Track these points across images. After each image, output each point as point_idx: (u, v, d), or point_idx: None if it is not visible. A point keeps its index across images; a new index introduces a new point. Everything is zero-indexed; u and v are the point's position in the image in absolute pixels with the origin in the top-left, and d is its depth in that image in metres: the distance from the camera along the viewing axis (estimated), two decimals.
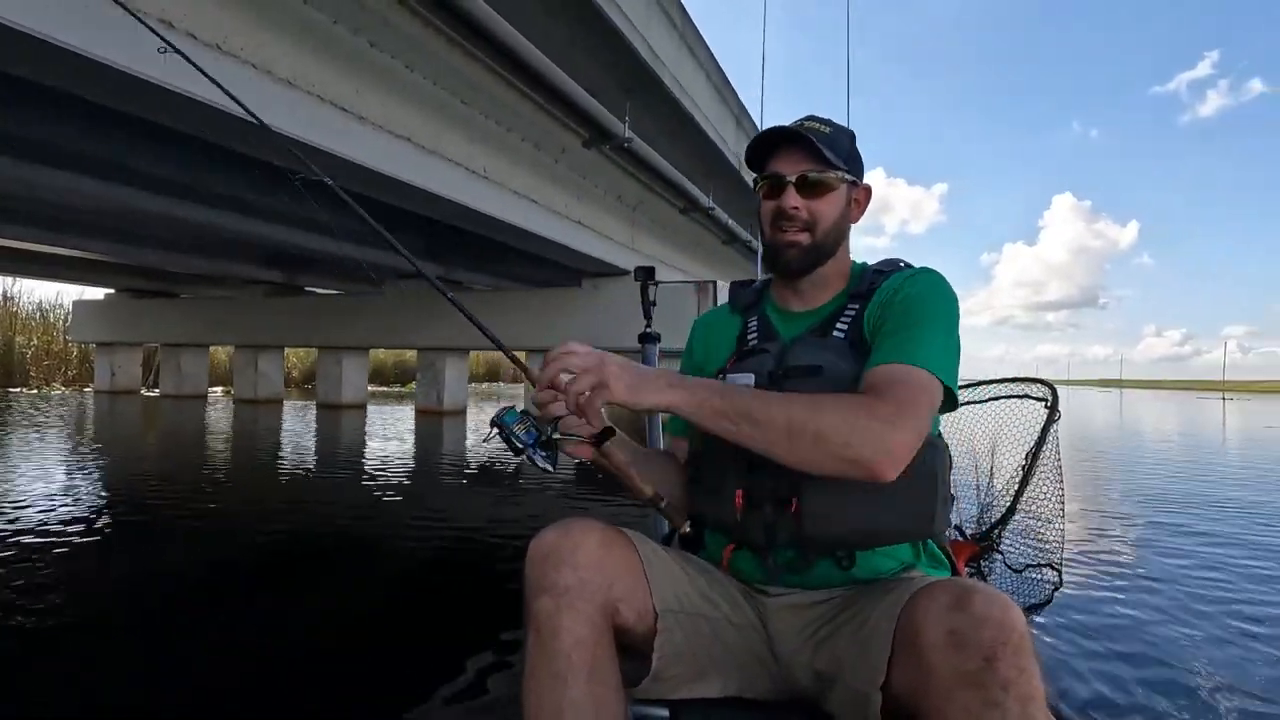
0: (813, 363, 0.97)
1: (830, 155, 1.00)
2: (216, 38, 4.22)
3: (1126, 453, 9.87)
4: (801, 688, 0.93)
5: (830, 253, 1.05)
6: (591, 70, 6.64)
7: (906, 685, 0.75)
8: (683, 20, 7.64)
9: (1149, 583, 3.21)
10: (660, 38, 7.07)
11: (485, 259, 10.27)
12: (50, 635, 2.41)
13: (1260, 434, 14.01)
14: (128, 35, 3.59)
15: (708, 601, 0.96)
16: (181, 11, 3.98)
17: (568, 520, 0.90)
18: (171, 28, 3.94)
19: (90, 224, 9.33)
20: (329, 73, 5.05)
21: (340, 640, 2.48)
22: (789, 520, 0.93)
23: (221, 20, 4.23)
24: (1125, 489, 6.18)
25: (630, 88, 7.20)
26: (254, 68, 4.47)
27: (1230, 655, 2.36)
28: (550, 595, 0.83)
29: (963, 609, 0.69)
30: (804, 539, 0.94)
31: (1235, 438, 13.17)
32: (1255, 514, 5.03)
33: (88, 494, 4.94)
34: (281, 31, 4.65)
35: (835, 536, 0.94)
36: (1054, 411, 1.45)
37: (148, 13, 3.81)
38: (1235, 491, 6.11)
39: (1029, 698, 0.65)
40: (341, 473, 6.46)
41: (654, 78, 6.99)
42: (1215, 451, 10.34)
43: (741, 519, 0.96)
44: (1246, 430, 15.14)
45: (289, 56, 4.72)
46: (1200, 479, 6.98)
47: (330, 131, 5.08)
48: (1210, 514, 5.00)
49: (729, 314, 1.17)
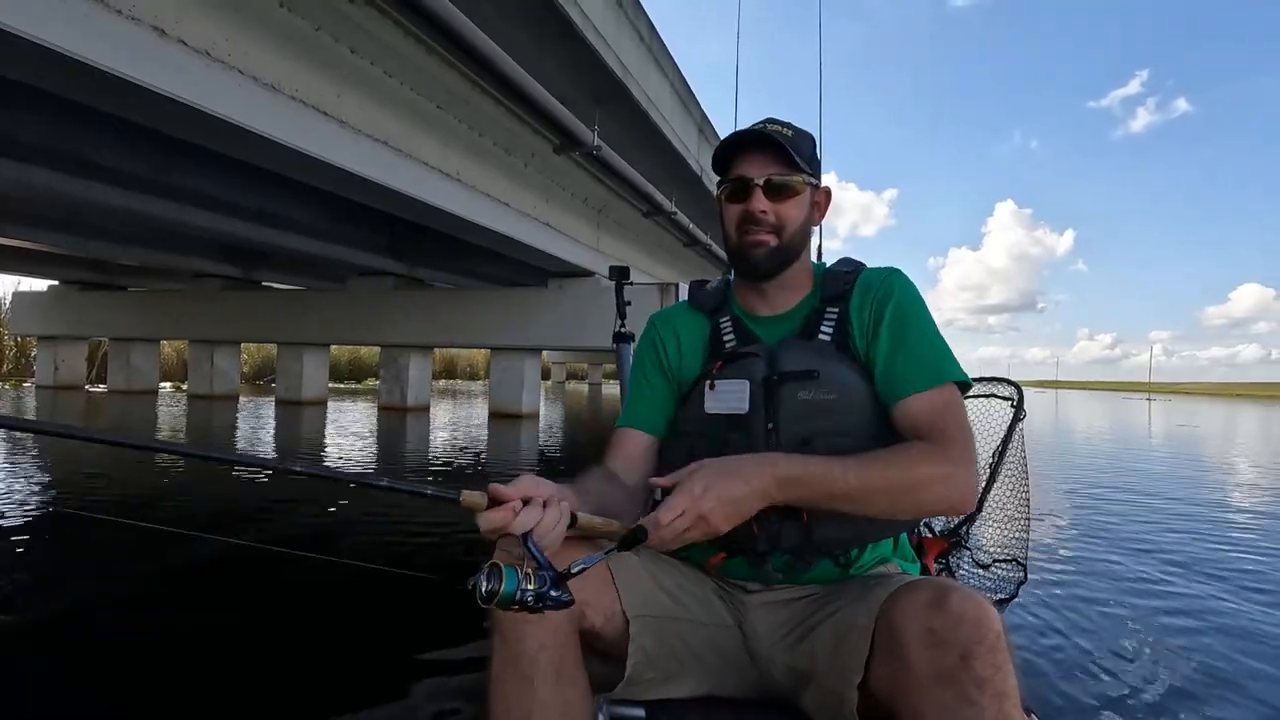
0: (807, 368, 0.96)
1: (796, 158, 1.00)
2: (205, 44, 4.35)
3: (1066, 449, 10.64)
4: (777, 686, 0.93)
5: (797, 255, 1.04)
6: (563, 80, 6.91)
7: (883, 683, 0.75)
8: (650, 34, 7.96)
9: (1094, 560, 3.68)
10: (629, 51, 7.38)
11: (448, 256, 10.40)
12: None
13: (1174, 432, 15.15)
14: (110, 38, 3.72)
15: (678, 604, 0.96)
16: (173, 19, 4.11)
17: None
18: (163, 34, 4.07)
19: (37, 215, 9.14)
20: (311, 78, 5.21)
21: (298, 644, 2.36)
22: (797, 528, 0.92)
23: (208, 27, 4.36)
24: (1064, 479, 6.79)
25: (600, 97, 7.49)
26: (240, 73, 4.61)
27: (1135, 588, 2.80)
28: None
29: (941, 608, 0.70)
30: (810, 545, 0.93)
31: (1141, 435, 14.22)
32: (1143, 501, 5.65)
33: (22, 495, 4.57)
34: (265, 38, 4.79)
35: (840, 539, 0.93)
36: (1019, 410, 1.48)
37: (140, 19, 3.94)
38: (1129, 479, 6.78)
39: (1004, 695, 0.67)
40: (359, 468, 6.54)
41: (623, 89, 7.30)
42: (1143, 450, 11.21)
43: (757, 533, 0.92)
44: (1167, 431, 16.30)
45: (273, 63, 4.87)
46: (1123, 479, 7.66)
47: (312, 135, 5.23)
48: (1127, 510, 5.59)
49: (691, 312, 1.14)
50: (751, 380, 0.97)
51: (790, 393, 0.95)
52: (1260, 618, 2.76)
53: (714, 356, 1.05)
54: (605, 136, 8.06)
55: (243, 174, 6.65)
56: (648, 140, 8.93)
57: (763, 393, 0.96)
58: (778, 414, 0.95)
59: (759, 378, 0.97)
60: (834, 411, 0.94)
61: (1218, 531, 4.49)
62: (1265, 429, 18.41)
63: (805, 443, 0.92)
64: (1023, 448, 1.45)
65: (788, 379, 0.96)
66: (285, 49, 4.96)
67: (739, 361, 1.01)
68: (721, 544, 0.94)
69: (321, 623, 2.55)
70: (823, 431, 0.93)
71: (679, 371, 1.09)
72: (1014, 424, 1.46)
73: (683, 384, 1.08)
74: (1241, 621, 2.72)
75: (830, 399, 0.94)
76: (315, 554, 3.16)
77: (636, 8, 7.49)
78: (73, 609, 2.60)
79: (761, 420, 0.95)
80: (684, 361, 1.09)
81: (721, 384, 1.00)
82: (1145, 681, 2.11)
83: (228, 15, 4.49)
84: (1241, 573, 3.43)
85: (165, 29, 4.08)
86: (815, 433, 0.93)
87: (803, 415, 0.94)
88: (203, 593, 2.80)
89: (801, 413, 0.94)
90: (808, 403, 0.94)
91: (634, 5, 7.41)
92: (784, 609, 0.95)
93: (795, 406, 0.94)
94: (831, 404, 0.94)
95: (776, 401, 0.95)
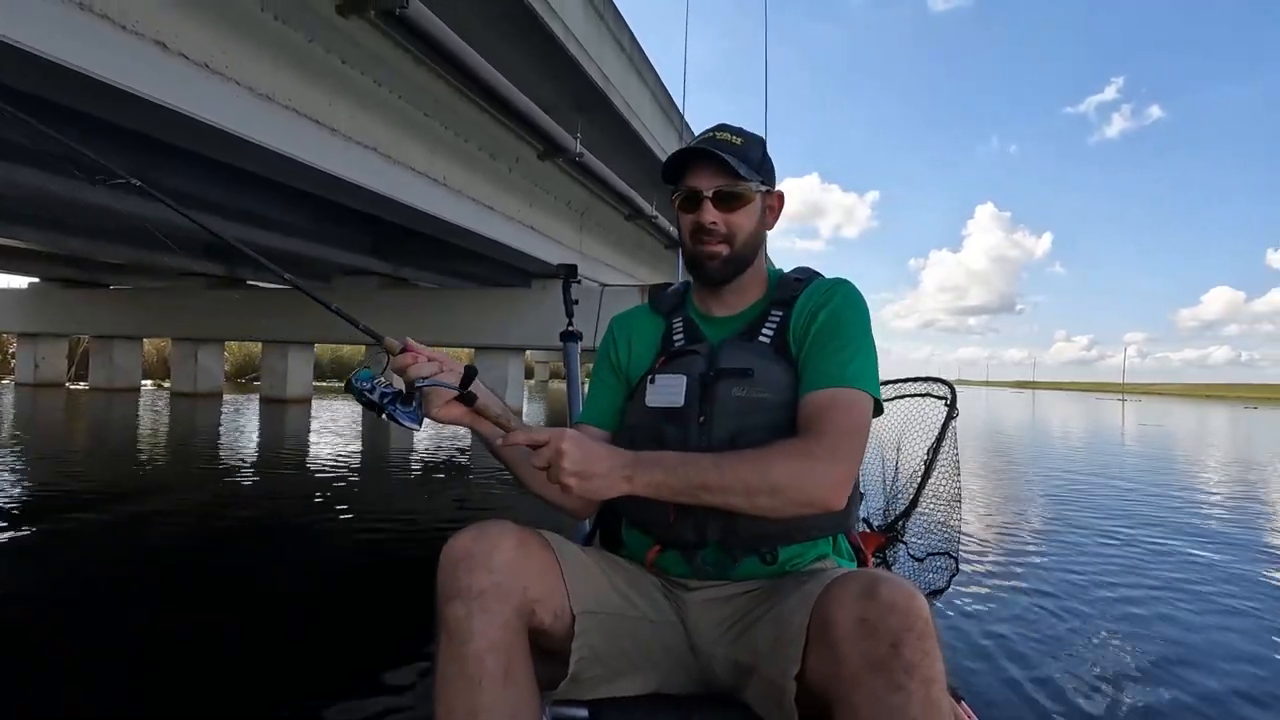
0: (743, 365, 0.99)
1: (743, 169, 1.01)
2: (204, 57, 4.57)
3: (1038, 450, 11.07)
4: (720, 681, 0.94)
5: (749, 261, 1.07)
6: (547, 89, 7.18)
7: (820, 673, 0.76)
8: (631, 45, 8.25)
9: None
10: (610, 61, 7.66)
11: (432, 256, 10.61)
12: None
13: (1145, 431, 15.72)
14: (111, 51, 3.93)
15: (626, 601, 0.97)
16: (173, 33, 4.33)
17: (483, 523, 0.88)
18: (165, 49, 4.29)
19: (21, 213, 9.20)
20: (304, 88, 5.43)
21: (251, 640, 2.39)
22: (720, 520, 0.94)
23: (204, 40, 4.58)
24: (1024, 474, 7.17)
25: (582, 106, 7.77)
26: (237, 84, 4.83)
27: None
28: (463, 599, 0.82)
29: (872, 598, 0.72)
30: (734, 537, 0.95)
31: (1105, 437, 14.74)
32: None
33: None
34: (260, 50, 5.02)
35: (763, 533, 0.95)
36: (953, 409, 1.50)
37: (144, 34, 4.16)
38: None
39: (931, 680, 0.69)
40: (370, 466, 6.75)
41: (604, 98, 7.59)
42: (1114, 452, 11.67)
43: (674, 521, 0.96)
44: (1138, 431, 16.87)
45: (268, 73, 5.09)
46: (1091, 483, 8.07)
47: (304, 142, 5.46)
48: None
49: (649, 314, 1.17)
50: (689, 376, 1.01)
51: (725, 389, 0.98)
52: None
53: (661, 354, 1.09)
54: (588, 143, 8.34)
55: (227, 174, 6.82)
56: (629, 146, 9.22)
57: (699, 388, 1.00)
58: (711, 409, 0.98)
59: (696, 374, 1.01)
60: (765, 409, 0.97)
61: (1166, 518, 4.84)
62: (1226, 428, 19.13)
63: (734, 437, 0.95)
64: (955, 445, 1.48)
65: (723, 376, 0.99)
66: (279, 60, 5.18)
67: (680, 358, 1.05)
68: (655, 538, 1.00)
69: (273, 618, 2.57)
70: (753, 427, 0.95)
71: (628, 369, 1.13)
72: (947, 422, 1.49)
73: (631, 380, 1.11)
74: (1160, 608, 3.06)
75: (762, 397, 0.97)
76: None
77: (618, 20, 7.77)
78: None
79: (695, 414, 0.98)
80: (634, 359, 1.13)
81: (661, 378, 1.03)
82: (1061, 661, 2.30)
83: (225, 29, 4.71)
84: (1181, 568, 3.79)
85: (167, 43, 4.30)
86: (745, 428, 0.96)
87: (734, 411, 0.97)
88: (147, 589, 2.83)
89: (733, 409, 0.97)
90: (740, 399, 0.97)
91: (616, 18, 7.69)
92: (725, 605, 0.96)
93: (728, 402, 0.97)
94: (763, 402, 0.97)
95: (711, 397, 0.98)
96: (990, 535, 4.21)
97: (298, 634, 2.47)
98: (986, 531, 4.30)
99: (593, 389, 1.16)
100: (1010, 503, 5.57)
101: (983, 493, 5.87)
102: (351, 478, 5.83)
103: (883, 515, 1.51)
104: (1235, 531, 4.73)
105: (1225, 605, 3.02)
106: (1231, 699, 2.11)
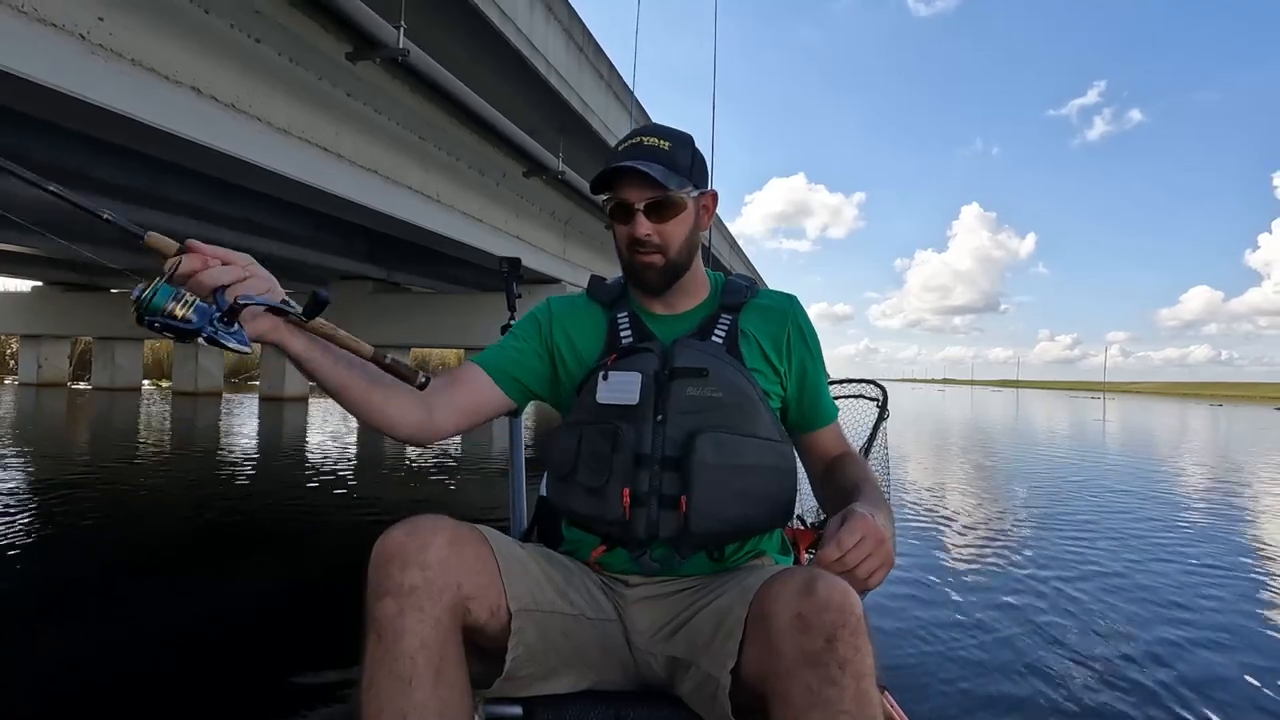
0: (698, 365, 1.00)
1: (674, 180, 1.01)
2: (230, 98, 5.26)
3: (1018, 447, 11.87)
4: (656, 677, 0.95)
5: (686, 265, 1.07)
6: (532, 115, 7.92)
7: (755, 667, 0.78)
8: (610, 73, 8.99)
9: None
10: (590, 89, 8.40)
11: (424, 262, 11.29)
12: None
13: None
14: (159, 104, 4.64)
15: (563, 598, 0.96)
16: (207, 79, 5.03)
17: (416, 518, 0.85)
18: (199, 93, 4.98)
19: (32, 221, 9.72)
20: (314, 119, 6.13)
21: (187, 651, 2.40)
22: (675, 517, 0.94)
23: (231, 83, 5.27)
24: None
25: (564, 128, 8.51)
26: (258, 120, 5.53)
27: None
28: (394, 597, 0.79)
29: (809, 594, 0.73)
30: (688, 535, 0.95)
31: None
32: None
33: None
34: (276, 89, 5.71)
35: (716, 532, 0.96)
36: (884, 411, 1.53)
37: (181, 81, 4.85)
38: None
39: (863, 674, 0.71)
40: (386, 460, 7.37)
41: (584, 123, 8.33)
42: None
43: (629, 519, 0.95)
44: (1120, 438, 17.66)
45: (284, 109, 5.79)
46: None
47: (316, 168, 6.16)
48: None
49: (589, 302, 1.15)
50: (644, 374, 1.01)
51: (680, 388, 0.98)
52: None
53: (610, 349, 1.07)
54: (570, 160, 9.07)
55: (233, 189, 7.45)
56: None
57: (654, 386, 0.99)
58: (666, 407, 0.98)
59: (651, 372, 1.01)
60: (719, 408, 0.98)
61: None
62: (1173, 423, 20.05)
63: (691, 436, 0.96)
64: (886, 445, 1.51)
65: (678, 374, 0.99)
66: (293, 96, 5.88)
67: (634, 355, 1.04)
68: (602, 535, 0.99)
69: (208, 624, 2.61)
70: (708, 426, 0.96)
71: (565, 355, 1.11)
72: (879, 423, 1.52)
73: (568, 368, 1.11)
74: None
75: (717, 396, 0.98)
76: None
77: (597, 52, 8.52)
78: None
79: (650, 412, 0.98)
80: (576, 349, 1.11)
81: (614, 375, 1.02)
82: (988, 654, 2.43)
83: (250, 73, 5.40)
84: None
85: (200, 88, 4.99)
86: (701, 427, 0.96)
87: (690, 409, 0.97)
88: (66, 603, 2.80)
89: (689, 407, 0.98)
90: (695, 398, 0.98)
91: (595, 50, 8.44)
92: (663, 601, 0.97)
93: (684, 401, 0.98)
94: (717, 401, 0.98)
95: (666, 395, 0.98)
96: (924, 525, 4.65)
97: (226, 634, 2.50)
98: (921, 521, 4.75)
99: (505, 341, 1.12)
100: (935, 493, 6.35)
101: (914, 486, 6.66)
102: (347, 473, 6.36)
103: (816, 513, 1.51)
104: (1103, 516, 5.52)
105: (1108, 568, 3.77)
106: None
